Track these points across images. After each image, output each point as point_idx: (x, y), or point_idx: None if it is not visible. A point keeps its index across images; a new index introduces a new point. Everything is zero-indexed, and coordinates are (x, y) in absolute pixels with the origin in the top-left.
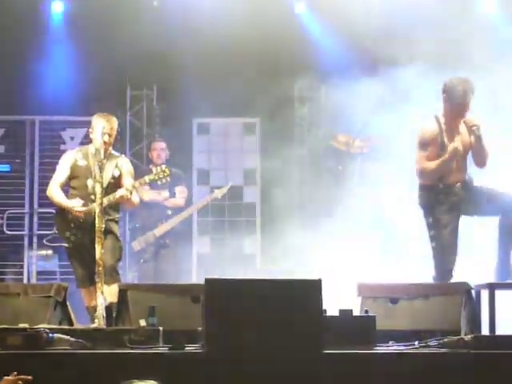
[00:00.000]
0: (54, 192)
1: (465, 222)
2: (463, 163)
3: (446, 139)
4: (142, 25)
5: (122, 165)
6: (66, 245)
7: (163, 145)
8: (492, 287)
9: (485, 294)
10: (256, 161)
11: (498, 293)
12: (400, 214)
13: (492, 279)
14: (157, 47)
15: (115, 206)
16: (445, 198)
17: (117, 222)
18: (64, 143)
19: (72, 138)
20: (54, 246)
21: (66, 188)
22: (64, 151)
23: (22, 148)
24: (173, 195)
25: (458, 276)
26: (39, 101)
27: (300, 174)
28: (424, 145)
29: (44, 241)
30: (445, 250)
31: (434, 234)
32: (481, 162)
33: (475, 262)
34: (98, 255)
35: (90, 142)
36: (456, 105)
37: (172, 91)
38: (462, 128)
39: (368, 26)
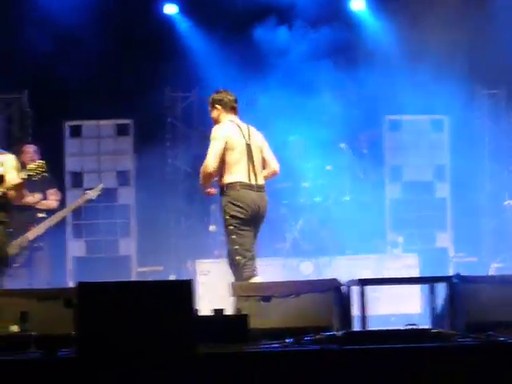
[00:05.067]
0: None
1: None
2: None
3: None
4: (13, 27)
5: (6, 161)
6: None
7: (34, 148)
8: (362, 283)
9: (356, 290)
10: (130, 162)
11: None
12: None
13: None
14: (25, 51)
15: (1, 205)
16: None
17: (3, 223)
18: None
19: None
20: None
21: None
22: None
23: None
24: (45, 198)
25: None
26: None
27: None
28: None
29: None
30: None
31: None
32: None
33: None
34: None
35: None
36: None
37: (43, 94)
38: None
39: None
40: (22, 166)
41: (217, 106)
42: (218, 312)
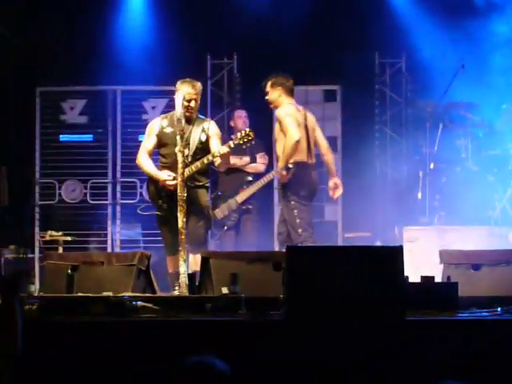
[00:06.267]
0: (143, 160)
1: None
2: None
3: None
4: None
5: (209, 128)
6: (158, 213)
7: (246, 113)
8: None
9: None
10: (338, 128)
11: None
12: None
13: None
14: (235, 16)
15: (204, 172)
16: None
17: (207, 188)
18: (146, 113)
19: (154, 108)
20: (145, 214)
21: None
22: (145, 121)
23: (104, 118)
24: (253, 161)
25: None
26: (121, 71)
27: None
28: None
29: (138, 210)
30: None
31: None
32: None
33: None
34: (180, 224)
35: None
36: None
37: (252, 59)
38: None
39: None
40: (236, 130)
41: (278, 88)
42: (428, 279)
